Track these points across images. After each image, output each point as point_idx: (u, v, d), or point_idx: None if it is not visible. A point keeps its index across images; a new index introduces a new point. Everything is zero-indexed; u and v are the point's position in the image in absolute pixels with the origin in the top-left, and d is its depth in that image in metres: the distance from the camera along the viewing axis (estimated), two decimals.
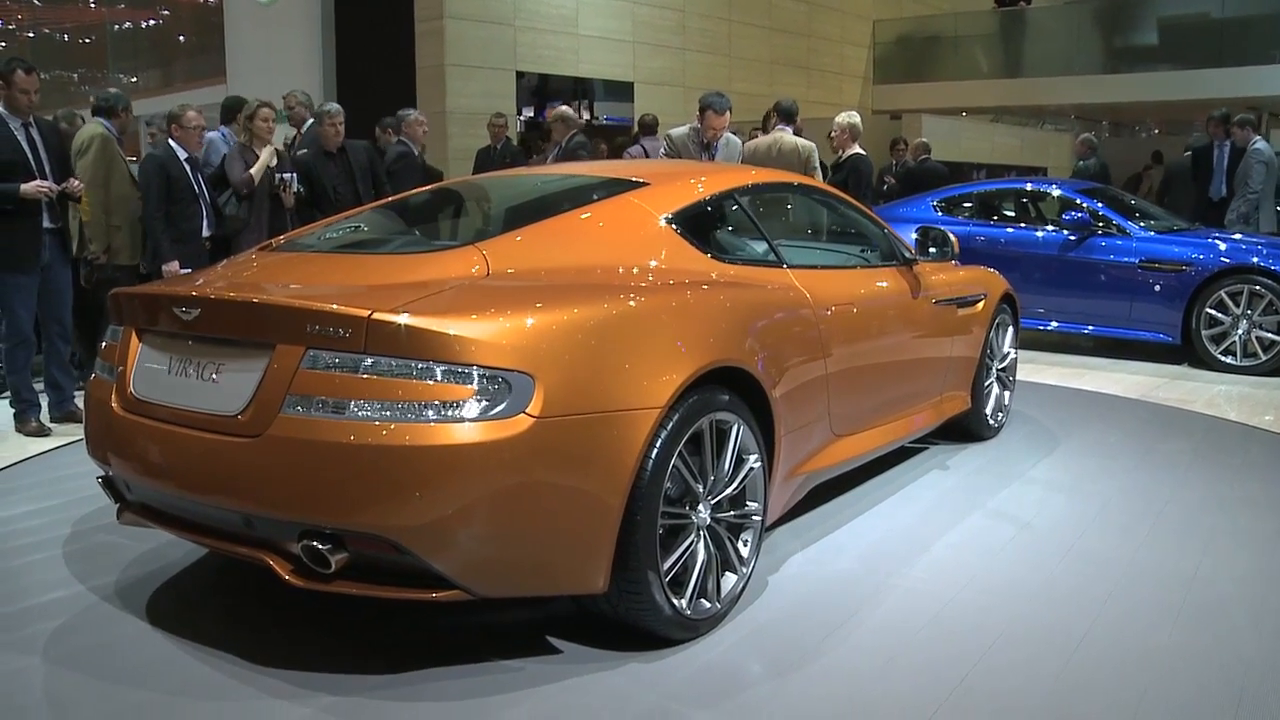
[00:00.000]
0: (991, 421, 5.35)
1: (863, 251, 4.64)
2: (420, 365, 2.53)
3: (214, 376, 2.80)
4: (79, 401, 5.54)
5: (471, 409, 2.52)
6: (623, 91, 15.12)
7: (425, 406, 2.51)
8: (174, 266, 5.94)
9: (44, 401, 5.69)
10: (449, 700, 2.65)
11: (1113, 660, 2.90)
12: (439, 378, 2.52)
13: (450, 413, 2.51)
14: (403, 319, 2.54)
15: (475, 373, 2.53)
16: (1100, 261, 7.98)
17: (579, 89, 14.62)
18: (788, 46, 18.15)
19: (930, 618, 3.18)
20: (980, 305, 5.05)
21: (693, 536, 3.00)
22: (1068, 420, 5.82)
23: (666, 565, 2.87)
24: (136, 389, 3.01)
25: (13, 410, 5.57)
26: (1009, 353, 5.54)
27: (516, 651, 2.92)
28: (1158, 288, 7.72)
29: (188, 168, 6.20)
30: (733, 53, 16.90)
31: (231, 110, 7.65)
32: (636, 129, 10.77)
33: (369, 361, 2.54)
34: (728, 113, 6.86)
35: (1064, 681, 2.78)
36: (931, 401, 4.71)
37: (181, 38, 26.36)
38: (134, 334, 3.12)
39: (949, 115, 19.52)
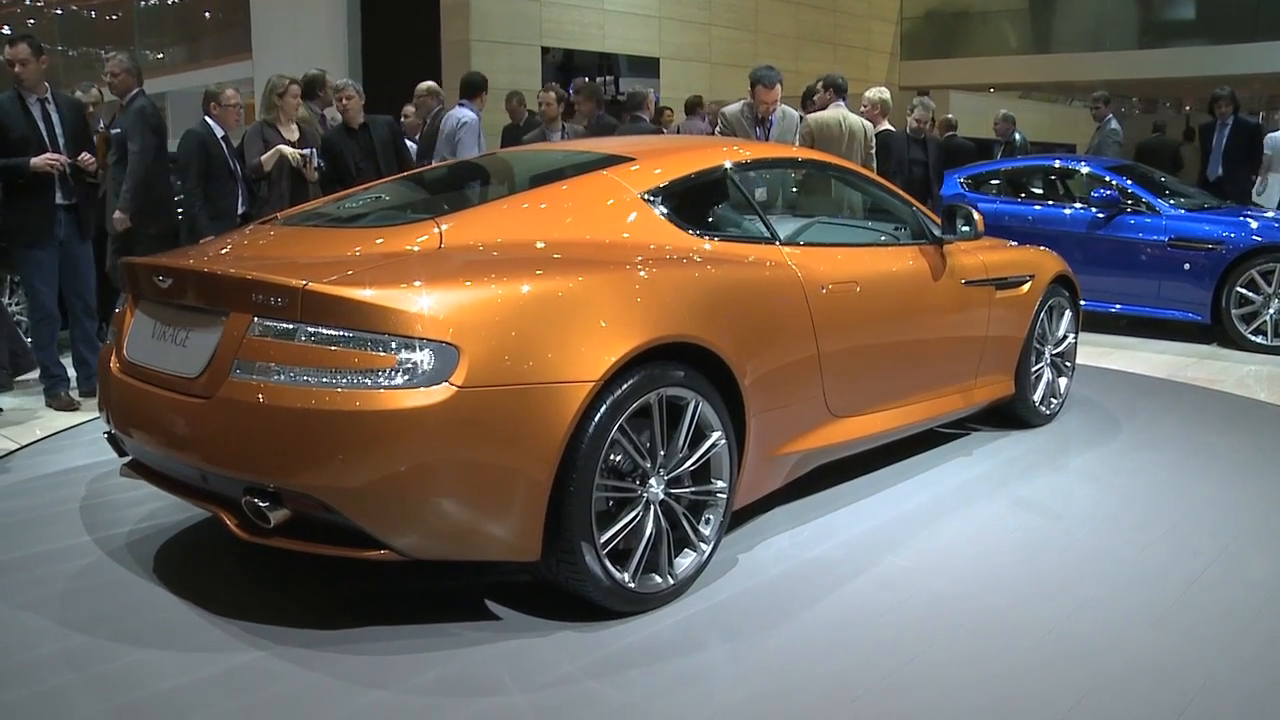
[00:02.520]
0: (1043, 408, 5.16)
1: (885, 229, 4.57)
2: (349, 334, 2.65)
3: (183, 341, 2.98)
4: None
5: (395, 378, 2.62)
6: (648, 67, 15.04)
7: (352, 373, 2.63)
8: None
9: (73, 376, 5.76)
10: (374, 656, 2.78)
11: (1065, 660, 2.80)
12: (365, 346, 2.64)
13: (374, 380, 2.62)
14: (333, 290, 2.67)
15: (399, 342, 2.63)
16: (1129, 239, 7.89)
17: (604, 64, 14.56)
18: (814, 21, 18.00)
19: (894, 605, 3.12)
20: (1026, 287, 4.89)
21: (638, 510, 3.01)
22: (1130, 407, 5.60)
23: (605, 537, 2.90)
24: (128, 352, 3.22)
25: (43, 385, 5.64)
26: (1066, 337, 5.32)
27: (461, 615, 3.01)
28: (1187, 266, 7.64)
29: (224, 146, 6.22)
30: (759, 28, 16.77)
31: (476, 86, 7.96)
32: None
33: (303, 330, 2.68)
34: (778, 85, 6.72)
35: (1005, 677, 2.71)
36: (960, 385, 4.59)
37: (207, 14, 26.44)
38: (131, 301, 3.33)
39: (977, 91, 19.32)
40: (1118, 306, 8.03)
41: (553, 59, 13.83)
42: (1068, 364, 5.41)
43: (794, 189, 5.20)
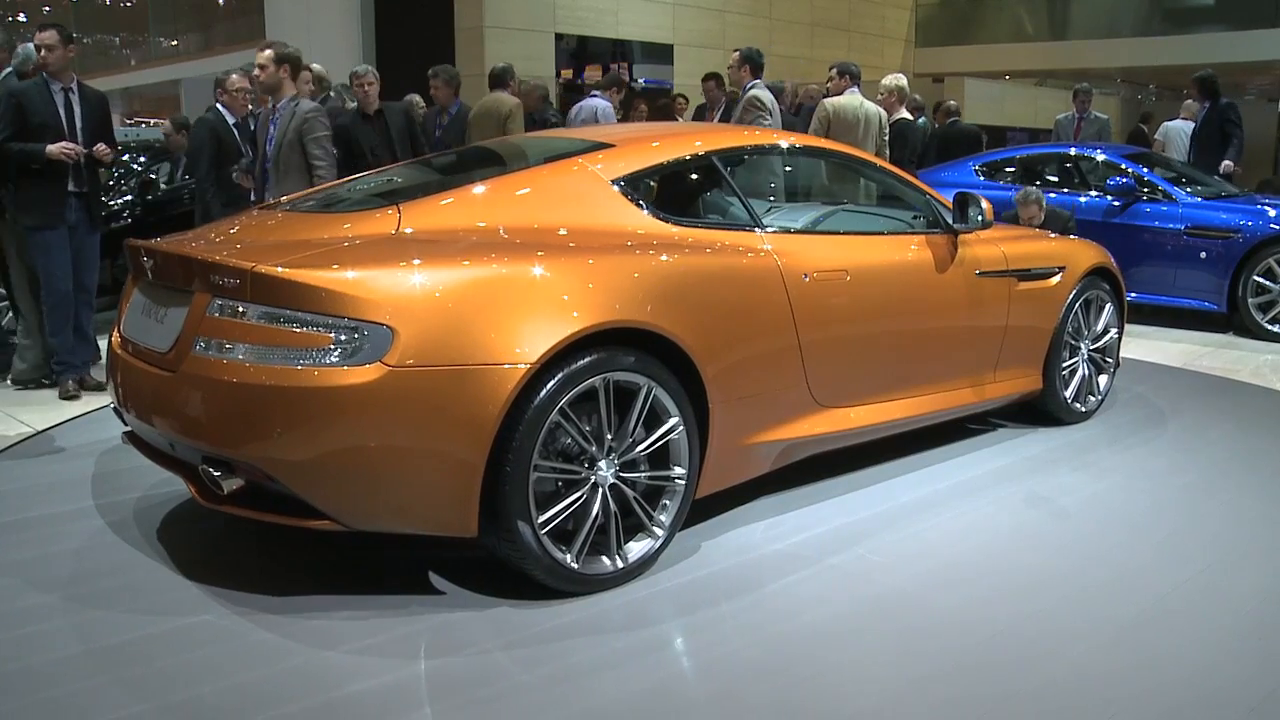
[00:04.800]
0: (1078, 405, 4.98)
1: (897, 217, 4.51)
2: (292, 314, 2.78)
3: (162, 318, 3.16)
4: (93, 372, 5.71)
5: (330, 356, 2.75)
6: (662, 53, 14.99)
7: (291, 351, 2.77)
8: None
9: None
10: (315, 621, 2.91)
11: (999, 666, 2.71)
12: (304, 326, 2.77)
13: (311, 359, 2.75)
14: (278, 271, 2.80)
15: (335, 322, 2.76)
16: (1145, 228, 7.84)
17: (618, 51, 14.52)
18: (829, 8, 17.89)
19: (847, 599, 3.08)
20: (1055, 279, 4.76)
21: (583, 492, 3.04)
22: (1181, 406, 5.36)
23: (544, 518, 2.94)
24: (124, 328, 3.43)
25: (55, 371, 5.64)
26: (1107, 332, 5.12)
27: (412, 589, 3.11)
28: (1204, 255, 7.58)
29: (235, 132, 6.23)
30: (773, 14, 16.69)
31: (614, 81, 8.43)
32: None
33: (253, 309, 2.83)
34: (747, 67, 7.12)
35: (928, 679, 2.63)
36: (971, 379, 4.48)
37: (221, 1, 26.45)
38: (131, 281, 3.53)
39: (993, 78, 19.19)
40: (1133, 295, 7.95)
41: (566, 46, 13.81)
42: (1108, 360, 5.20)
43: (797, 177, 5.14)
